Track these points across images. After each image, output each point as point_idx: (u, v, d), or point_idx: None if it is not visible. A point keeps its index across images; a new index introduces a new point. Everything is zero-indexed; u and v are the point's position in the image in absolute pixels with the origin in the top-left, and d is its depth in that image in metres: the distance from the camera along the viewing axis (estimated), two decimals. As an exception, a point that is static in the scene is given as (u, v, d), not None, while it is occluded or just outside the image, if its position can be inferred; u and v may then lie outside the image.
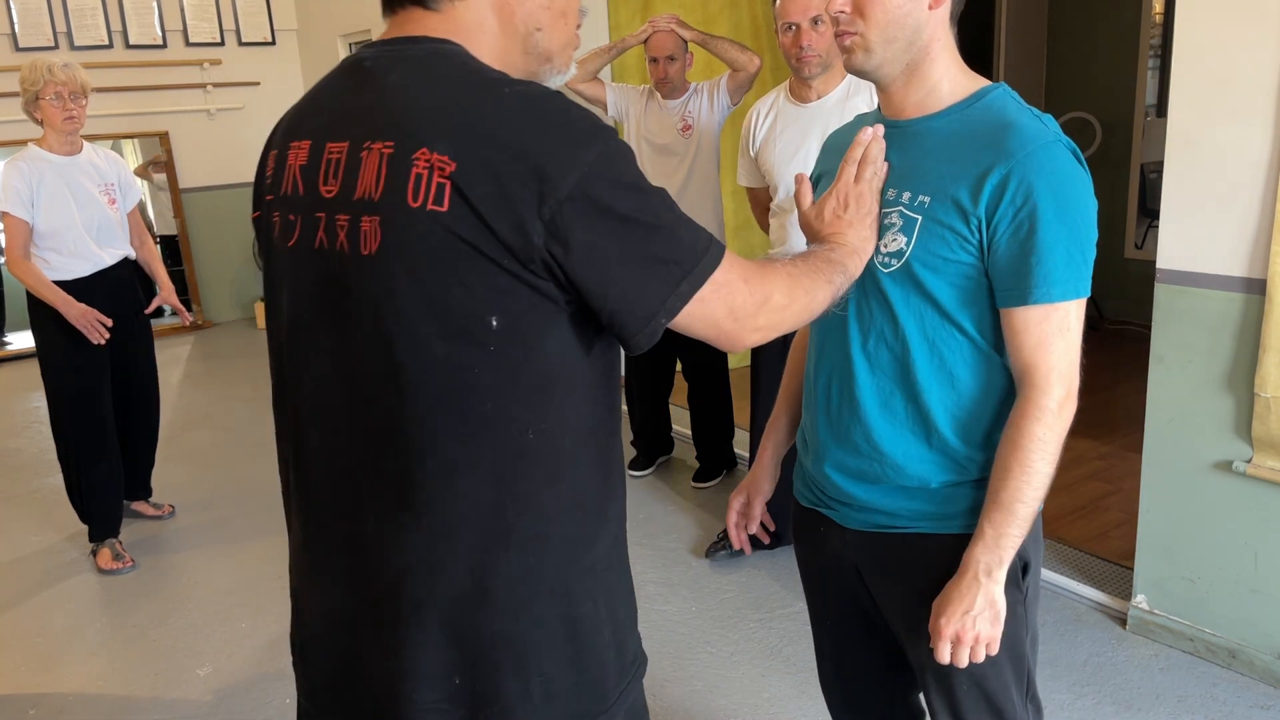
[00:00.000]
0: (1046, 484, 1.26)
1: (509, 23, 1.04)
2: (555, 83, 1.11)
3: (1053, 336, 1.23)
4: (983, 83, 1.31)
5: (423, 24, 1.02)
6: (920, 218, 1.26)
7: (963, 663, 1.28)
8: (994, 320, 1.28)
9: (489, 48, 1.03)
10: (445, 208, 0.90)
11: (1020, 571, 1.36)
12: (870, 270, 1.30)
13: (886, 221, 1.29)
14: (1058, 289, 1.21)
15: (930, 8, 1.25)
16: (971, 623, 1.26)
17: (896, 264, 1.28)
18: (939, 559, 1.33)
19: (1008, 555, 1.27)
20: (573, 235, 0.91)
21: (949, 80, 1.30)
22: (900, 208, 1.28)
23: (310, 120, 1.05)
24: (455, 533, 0.98)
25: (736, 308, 1.01)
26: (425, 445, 0.97)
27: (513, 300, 0.93)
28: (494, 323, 0.93)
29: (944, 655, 1.28)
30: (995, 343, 1.29)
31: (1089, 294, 1.25)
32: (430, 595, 0.99)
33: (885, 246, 1.29)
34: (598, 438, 1.05)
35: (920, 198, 1.26)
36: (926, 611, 1.33)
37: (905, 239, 1.27)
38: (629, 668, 1.11)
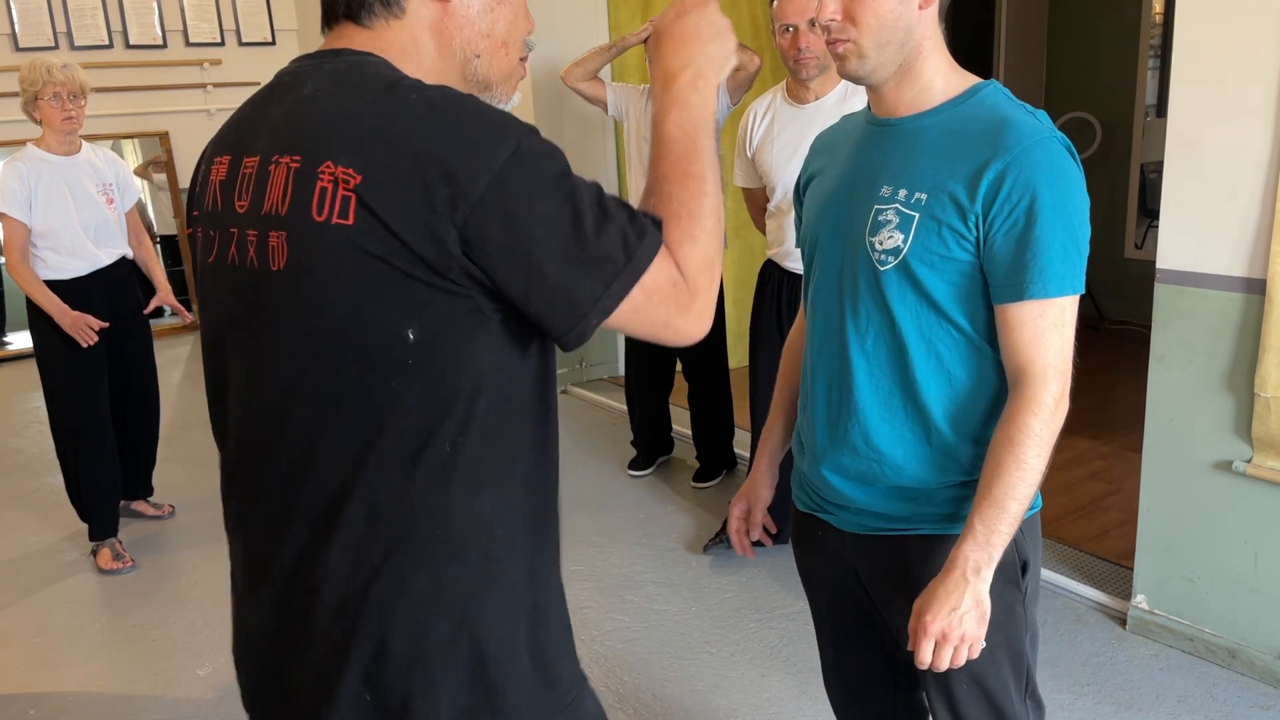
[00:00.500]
0: (1038, 480, 1.25)
1: (446, 46, 1.01)
2: (506, 109, 1.08)
3: (1048, 332, 1.23)
4: (973, 80, 1.31)
5: (354, 39, 1.00)
6: (917, 215, 1.26)
7: (943, 666, 1.24)
8: (989, 316, 1.28)
9: (425, 70, 1.00)
10: (351, 221, 0.88)
11: (1020, 570, 1.36)
12: (867, 268, 1.30)
13: (883, 219, 1.29)
14: (1054, 284, 1.21)
15: (920, 8, 1.25)
16: (958, 621, 1.22)
17: (893, 261, 1.28)
18: (937, 559, 1.33)
19: (997, 553, 1.24)
20: (490, 239, 0.87)
21: (941, 78, 1.30)
22: (896, 205, 1.28)
23: (231, 135, 1.03)
24: (369, 548, 0.95)
25: (665, 306, 0.95)
26: (339, 460, 0.94)
27: (430, 312, 0.90)
28: (410, 336, 0.90)
29: (925, 656, 1.24)
30: (990, 339, 1.29)
31: (1083, 290, 1.25)
32: (344, 611, 0.97)
33: (881, 244, 1.29)
34: (526, 453, 1.01)
35: (917, 195, 1.26)
36: None
37: (902, 236, 1.27)
38: (562, 698, 1.05)
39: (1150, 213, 5.58)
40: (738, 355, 4.06)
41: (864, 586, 1.45)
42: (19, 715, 2.60)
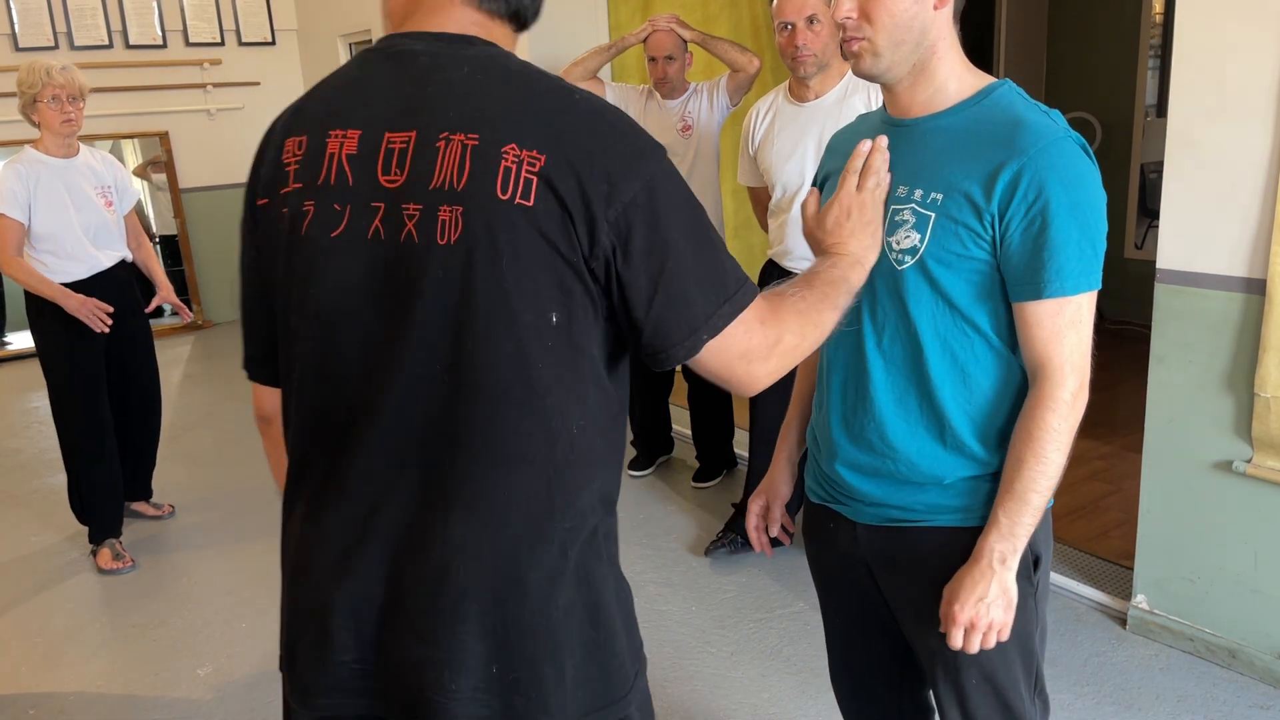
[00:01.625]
0: (1059, 474, 1.28)
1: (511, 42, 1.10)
2: None
3: (1065, 329, 1.24)
4: (987, 80, 1.32)
5: (465, 24, 1.04)
6: (933, 214, 1.27)
7: (974, 649, 1.30)
8: (1007, 316, 1.29)
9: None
10: (531, 202, 0.94)
11: (1031, 565, 1.37)
12: (884, 267, 1.31)
13: (899, 219, 1.29)
14: (1070, 282, 1.22)
15: (935, 7, 1.25)
16: (985, 610, 1.28)
17: (910, 261, 1.29)
18: (950, 552, 1.34)
19: (1021, 543, 1.29)
20: (633, 238, 0.95)
21: (955, 78, 1.30)
22: (912, 205, 1.29)
23: (359, 110, 1.03)
24: (504, 525, 1.00)
25: (751, 350, 1.03)
26: (483, 437, 0.99)
27: (570, 299, 0.97)
28: (554, 319, 0.97)
29: (956, 641, 1.30)
30: (1008, 339, 1.30)
31: (1100, 286, 1.26)
32: (474, 586, 1.01)
33: (898, 244, 1.29)
34: (617, 433, 1.09)
35: (933, 195, 1.27)
36: (937, 605, 1.34)
37: (919, 236, 1.28)
38: (638, 654, 1.15)
39: (1150, 213, 5.58)
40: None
41: (874, 579, 1.46)
42: (19, 715, 2.60)
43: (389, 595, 1.04)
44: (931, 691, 1.48)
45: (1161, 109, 5.46)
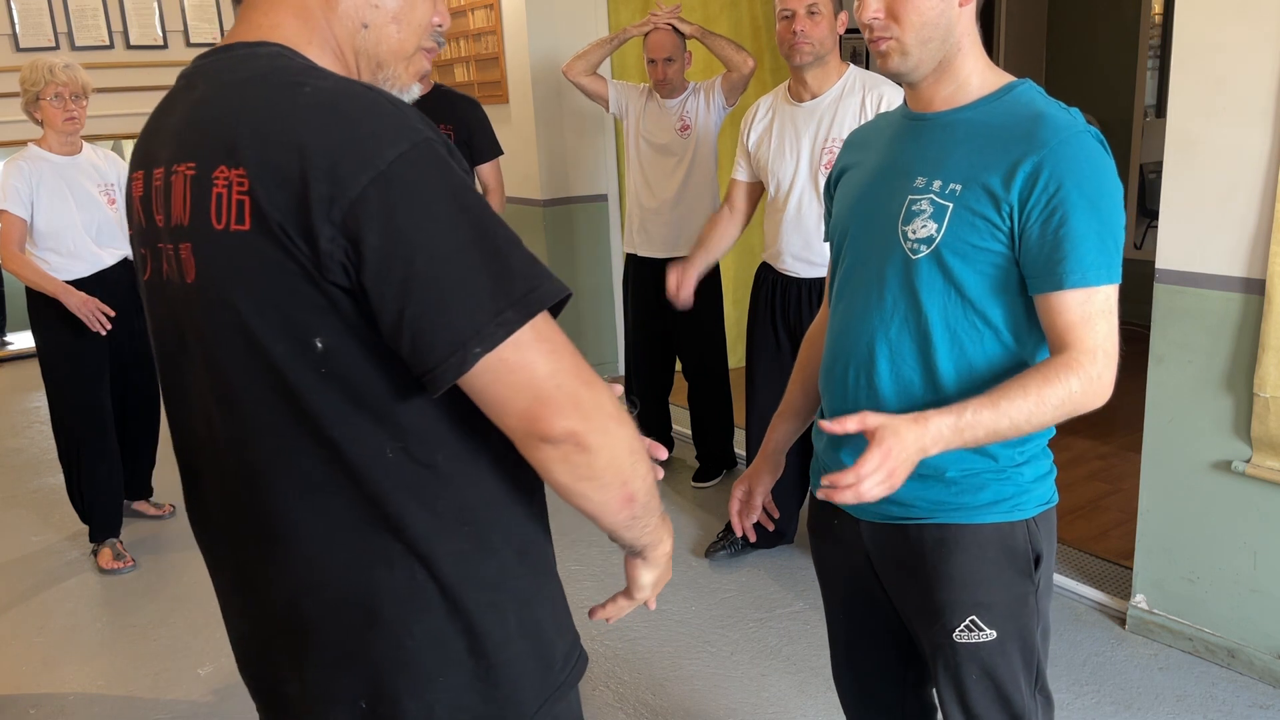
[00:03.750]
0: (1038, 426, 1.23)
1: (333, 9, 0.95)
2: (403, 96, 1.02)
3: (1096, 317, 1.24)
4: (1008, 77, 1.34)
5: (252, 24, 0.95)
6: (951, 205, 1.27)
7: (841, 496, 1.17)
8: (1020, 312, 1.29)
9: (322, 38, 0.95)
10: (247, 226, 0.84)
11: (1033, 563, 1.37)
12: (899, 257, 1.31)
13: (916, 208, 1.30)
14: (1092, 273, 1.23)
15: (960, 5, 1.27)
16: (890, 473, 1.17)
17: (926, 250, 1.29)
18: (953, 548, 1.34)
19: (955, 444, 1.21)
20: (364, 240, 0.80)
21: (978, 75, 1.32)
22: (931, 195, 1.29)
23: (142, 147, 1.01)
24: (329, 557, 0.93)
25: (560, 370, 0.85)
26: (279, 474, 0.92)
27: (333, 319, 0.84)
28: (319, 345, 0.85)
29: (835, 480, 1.17)
30: (1018, 335, 1.30)
31: (1119, 280, 1.26)
32: (318, 620, 0.95)
33: (914, 233, 1.30)
34: (477, 446, 0.94)
35: (951, 185, 1.28)
36: (939, 603, 1.35)
37: (936, 225, 1.28)
38: (556, 675, 1.03)
39: (1150, 213, 5.58)
40: (737, 355, 4.06)
41: (877, 576, 1.46)
42: (19, 715, 2.60)
43: (255, 633, 1.03)
44: (933, 686, 1.49)
45: (1161, 109, 5.46)
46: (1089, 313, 1.24)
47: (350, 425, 0.89)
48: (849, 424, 1.19)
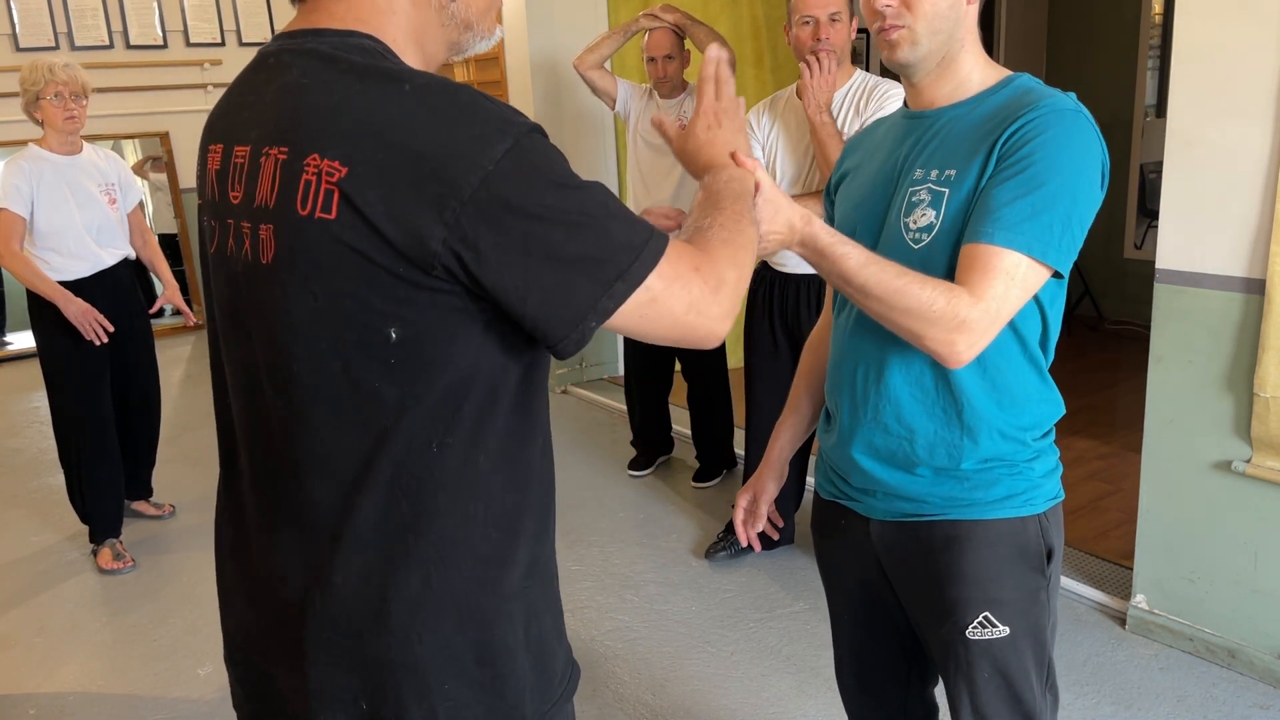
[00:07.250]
0: (880, 307, 1.20)
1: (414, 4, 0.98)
2: (481, 48, 1.06)
3: (996, 273, 1.19)
4: (1006, 73, 1.35)
5: (330, 11, 0.96)
6: (947, 190, 1.28)
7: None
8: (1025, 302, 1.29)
9: (402, 28, 0.97)
10: (334, 215, 0.86)
11: (1045, 558, 1.37)
12: (901, 247, 1.32)
13: (915, 199, 1.31)
14: (1003, 235, 1.19)
15: (968, 2, 1.30)
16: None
17: (927, 239, 1.29)
18: (963, 546, 1.34)
19: (810, 247, 1.20)
20: (481, 239, 0.84)
21: (978, 72, 1.34)
22: (929, 184, 1.30)
23: (222, 121, 1.01)
24: (351, 550, 0.94)
25: (695, 300, 0.92)
26: (319, 460, 0.93)
27: (413, 311, 0.88)
28: (393, 335, 0.88)
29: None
30: (1021, 321, 1.30)
31: (1051, 263, 1.21)
32: (329, 615, 0.95)
33: (915, 223, 1.30)
34: (517, 452, 0.98)
35: (947, 172, 1.29)
36: (951, 600, 1.35)
37: (935, 213, 1.28)
38: (554, 687, 1.04)
39: (1150, 213, 5.58)
40: (737, 355, 4.05)
41: (885, 576, 1.46)
42: (19, 715, 2.60)
43: (259, 622, 1.03)
44: (942, 686, 1.48)
45: (1161, 109, 5.46)
46: (991, 266, 1.19)
47: (407, 418, 0.91)
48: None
